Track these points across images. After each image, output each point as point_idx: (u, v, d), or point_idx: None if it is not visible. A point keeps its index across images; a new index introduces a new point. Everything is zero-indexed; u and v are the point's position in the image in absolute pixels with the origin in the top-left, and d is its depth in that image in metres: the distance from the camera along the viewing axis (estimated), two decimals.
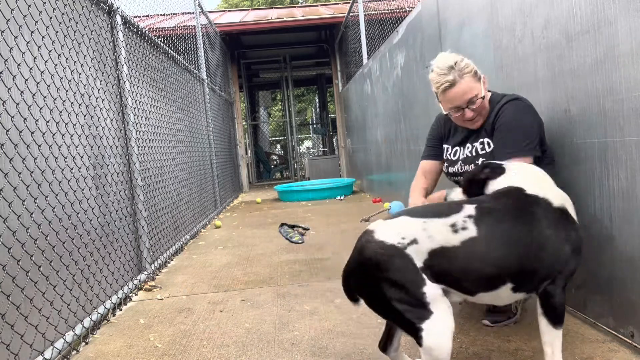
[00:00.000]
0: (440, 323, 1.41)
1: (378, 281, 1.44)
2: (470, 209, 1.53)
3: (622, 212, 1.80)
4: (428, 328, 1.40)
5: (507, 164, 1.78)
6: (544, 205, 1.56)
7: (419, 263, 1.45)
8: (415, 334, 1.42)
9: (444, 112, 2.17)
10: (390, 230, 1.49)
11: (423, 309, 1.41)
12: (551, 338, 1.56)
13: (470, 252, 1.47)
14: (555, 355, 1.57)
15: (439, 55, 2.12)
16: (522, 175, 1.69)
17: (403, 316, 1.43)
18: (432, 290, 1.43)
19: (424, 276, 1.44)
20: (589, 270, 2.03)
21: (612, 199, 1.85)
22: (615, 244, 1.85)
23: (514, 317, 2.13)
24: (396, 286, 1.42)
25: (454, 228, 1.49)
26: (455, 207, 1.55)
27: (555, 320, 1.55)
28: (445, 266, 1.46)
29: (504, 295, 1.56)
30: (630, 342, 1.82)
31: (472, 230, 1.48)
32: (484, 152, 2.11)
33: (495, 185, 1.70)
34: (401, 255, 1.44)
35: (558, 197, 1.61)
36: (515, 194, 1.60)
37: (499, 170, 1.73)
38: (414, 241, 1.46)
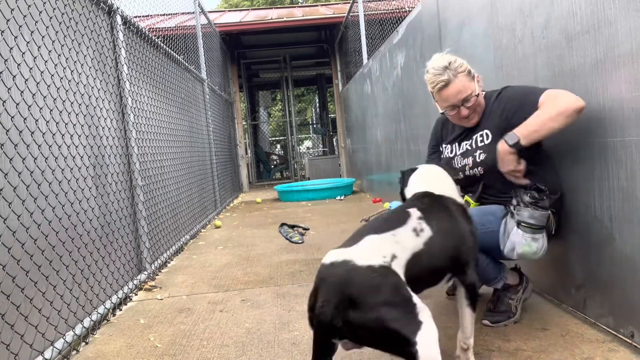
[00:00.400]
0: (430, 330, 1.37)
1: (375, 307, 1.36)
2: (416, 212, 1.63)
3: (622, 212, 1.80)
4: (421, 340, 1.35)
5: (420, 167, 1.97)
6: (453, 203, 1.76)
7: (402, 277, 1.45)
8: (410, 349, 1.35)
9: (440, 111, 2.23)
10: (369, 253, 1.46)
11: (415, 321, 1.37)
12: (472, 319, 1.73)
13: (431, 251, 1.56)
14: (472, 333, 1.74)
15: (434, 56, 2.18)
16: (428, 176, 1.90)
17: (399, 334, 1.36)
18: (417, 300, 1.40)
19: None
20: (589, 270, 2.03)
21: (612, 199, 1.85)
22: (615, 244, 1.85)
23: (513, 317, 2.13)
24: (394, 306, 1.37)
25: (416, 232, 1.56)
26: (405, 213, 1.63)
27: (475, 305, 1.74)
28: (415, 272, 1.48)
29: (439, 286, 1.67)
30: (630, 342, 1.82)
31: (428, 230, 1.58)
32: (482, 143, 2.15)
33: (411, 185, 1.89)
34: (392, 273, 1.42)
35: (458, 196, 1.84)
36: (430, 196, 1.76)
37: (413, 170, 1.95)
38: (394, 256, 1.45)
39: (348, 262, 1.43)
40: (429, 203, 1.71)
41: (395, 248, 1.48)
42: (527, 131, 1.92)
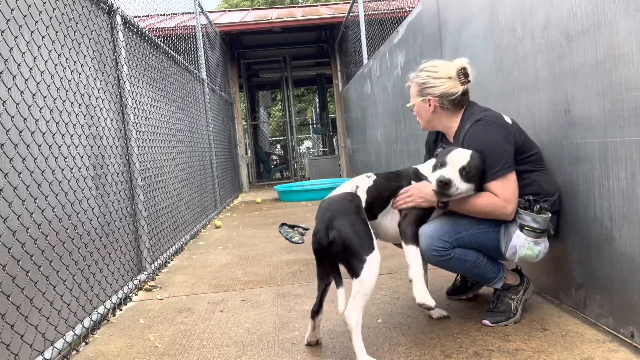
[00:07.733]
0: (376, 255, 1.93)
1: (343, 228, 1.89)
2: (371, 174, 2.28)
3: (622, 212, 1.80)
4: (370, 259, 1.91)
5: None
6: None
7: None
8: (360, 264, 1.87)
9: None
10: (342, 189, 2.11)
11: (370, 244, 1.93)
12: (406, 251, 2.04)
13: (377, 185, 2.17)
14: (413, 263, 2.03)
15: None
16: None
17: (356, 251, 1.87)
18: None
19: None
20: (589, 270, 2.03)
21: (612, 199, 1.85)
22: (615, 244, 1.85)
23: (514, 317, 2.13)
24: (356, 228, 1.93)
25: (367, 176, 2.22)
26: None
27: (406, 240, 2.05)
28: (371, 196, 2.15)
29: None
30: (630, 342, 1.82)
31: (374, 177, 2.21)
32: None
33: None
34: (357, 196, 2.06)
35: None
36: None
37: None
38: (357, 187, 2.11)
39: (330, 196, 2.06)
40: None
41: (356, 183, 2.10)
42: (458, 206, 2.02)
